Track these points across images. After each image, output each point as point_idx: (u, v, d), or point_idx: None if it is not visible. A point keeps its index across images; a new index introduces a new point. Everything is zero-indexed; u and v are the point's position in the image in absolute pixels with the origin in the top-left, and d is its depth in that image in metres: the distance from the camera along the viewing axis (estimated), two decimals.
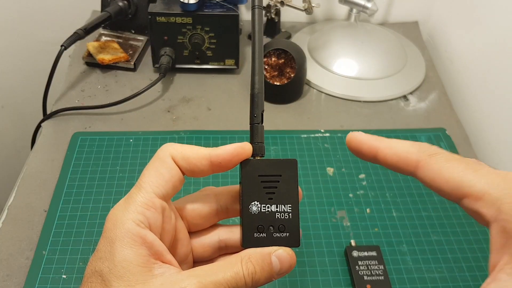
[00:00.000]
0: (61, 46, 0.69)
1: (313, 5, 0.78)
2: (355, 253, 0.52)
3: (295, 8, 0.80)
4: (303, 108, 0.73)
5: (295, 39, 0.85)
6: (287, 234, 0.29)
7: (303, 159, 0.64)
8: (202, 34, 0.72)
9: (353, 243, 0.54)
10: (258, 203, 0.29)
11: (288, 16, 0.88)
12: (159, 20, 0.71)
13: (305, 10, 0.79)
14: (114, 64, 0.76)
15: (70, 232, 0.54)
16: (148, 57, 0.79)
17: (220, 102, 0.73)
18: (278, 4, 0.80)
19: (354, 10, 0.80)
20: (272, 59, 0.71)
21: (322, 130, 0.68)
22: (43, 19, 0.92)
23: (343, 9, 0.90)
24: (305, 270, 0.52)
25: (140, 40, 0.81)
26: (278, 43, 0.71)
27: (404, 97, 0.76)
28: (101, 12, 0.78)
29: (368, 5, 0.76)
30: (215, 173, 0.30)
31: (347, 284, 0.51)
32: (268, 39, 0.84)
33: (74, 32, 0.70)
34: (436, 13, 0.90)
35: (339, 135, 0.67)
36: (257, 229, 0.29)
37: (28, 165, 0.62)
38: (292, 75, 0.70)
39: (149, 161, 0.30)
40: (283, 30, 0.87)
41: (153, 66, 0.76)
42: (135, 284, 0.26)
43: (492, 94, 0.71)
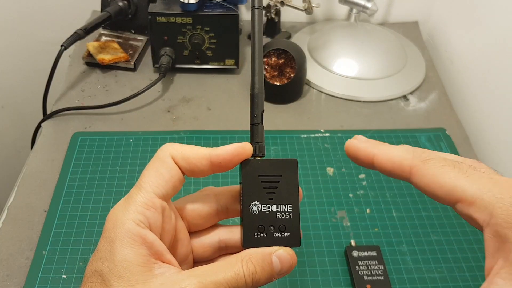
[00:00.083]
0: (61, 46, 0.69)
1: (313, 5, 0.78)
2: (355, 253, 0.52)
3: (295, 8, 0.80)
4: (303, 108, 0.73)
5: (295, 39, 0.85)
6: (288, 234, 0.29)
7: (303, 159, 0.64)
8: (202, 34, 0.72)
9: (353, 243, 0.54)
10: (259, 203, 0.29)
11: (288, 16, 0.88)
12: (159, 20, 0.71)
13: (305, 10, 0.79)
14: (114, 64, 0.76)
15: (70, 232, 0.54)
16: (148, 57, 0.79)
17: (220, 102, 0.73)
18: (278, 4, 0.80)
19: (354, 10, 0.80)
20: (272, 59, 0.71)
21: (322, 130, 0.68)
22: (43, 19, 0.92)
23: (343, 9, 0.90)
24: (305, 270, 0.52)
25: (140, 40, 0.81)
26: (278, 43, 0.71)
27: (404, 97, 0.76)
28: (101, 12, 0.78)
29: (368, 5, 0.76)
30: (215, 173, 0.30)
31: (347, 284, 0.51)
32: (268, 39, 0.84)
33: (74, 32, 0.70)
34: (436, 13, 0.90)
35: (339, 135, 0.67)
36: (257, 229, 0.29)
37: (28, 165, 0.62)
38: (292, 75, 0.70)
39: (149, 161, 0.30)
40: (283, 30, 0.87)
41: (153, 66, 0.76)
42: (135, 284, 0.26)
43: (492, 94, 0.71)
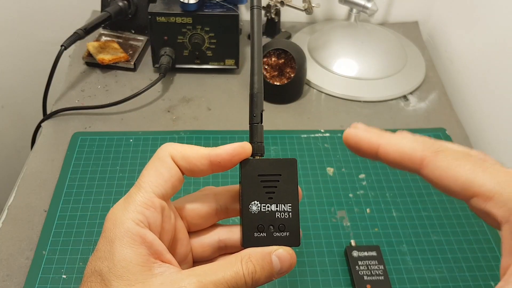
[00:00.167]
0: (61, 46, 0.69)
1: (313, 5, 0.78)
2: (355, 253, 0.52)
3: (295, 8, 0.80)
4: (303, 108, 0.73)
5: (295, 39, 0.85)
6: (287, 233, 0.29)
7: (303, 159, 0.64)
8: (202, 34, 0.72)
9: (353, 243, 0.54)
10: (258, 202, 0.29)
11: (288, 16, 0.88)
12: (159, 20, 0.71)
13: (305, 10, 0.79)
14: (114, 64, 0.76)
15: (70, 232, 0.54)
16: (148, 57, 0.79)
17: (220, 102, 0.73)
18: (278, 4, 0.80)
19: (354, 10, 0.80)
20: (272, 59, 0.71)
21: (322, 130, 0.68)
22: (43, 19, 0.92)
23: (343, 9, 0.90)
24: (305, 270, 0.52)
25: (140, 40, 0.81)
26: (278, 43, 0.71)
27: (404, 97, 0.76)
28: (101, 12, 0.78)
29: (368, 5, 0.76)
30: (214, 173, 0.30)
31: (347, 284, 0.51)
32: (268, 39, 0.84)
33: (74, 32, 0.70)
34: (436, 13, 0.90)
35: (339, 135, 0.67)
36: (257, 228, 0.29)
37: (28, 165, 0.62)
38: (292, 75, 0.70)
39: (149, 160, 0.30)
40: (283, 30, 0.87)
41: (153, 66, 0.76)
42: (135, 284, 0.26)
43: (492, 94, 0.71)
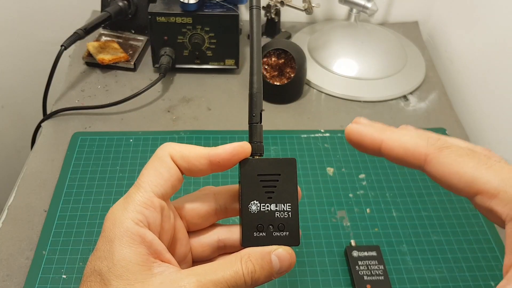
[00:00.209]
0: (61, 46, 0.69)
1: (313, 5, 0.78)
2: (355, 253, 0.52)
3: (295, 8, 0.80)
4: (303, 108, 0.73)
5: (295, 39, 0.85)
6: (287, 233, 0.29)
7: (303, 159, 0.64)
8: (202, 34, 0.72)
9: (353, 243, 0.54)
10: (258, 202, 0.29)
11: (288, 16, 0.88)
12: (159, 20, 0.71)
13: (305, 10, 0.79)
14: (114, 64, 0.76)
15: (70, 232, 0.54)
16: (148, 57, 0.79)
17: (220, 102, 0.73)
18: (278, 4, 0.80)
19: (354, 10, 0.80)
20: (272, 59, 0.71)
21: (322, 130, 0.68)
22: (43, 19, 0.92)
23: (343, 9, 0.90)
24: (305, 270, 0.52)
25: (140, 40, 0.81)
26: (278, 43, 0.71)
27: (404, 97, 0.76)
28: (101, 12, 0.78)
29: (368, 5, 0.76)
30: (214, 173, 0.30)
31: (347, 284, 0.51)
32: (268, 39, 0.84)
33: (74, 32, 0.70)
34: (436, 13, 0.90)
35: (339, 135, 0.67)
36: (256, 228, 0.29)
37: (28, 165, 0.62)
38: (292, 75, 0.70)
39: (148, 160, 0.30)
40: (283, 30, 0.87)
41: (153, 66, 0.76)
42: (135, 283, 0.26)
43: (492, 94, 0.71)
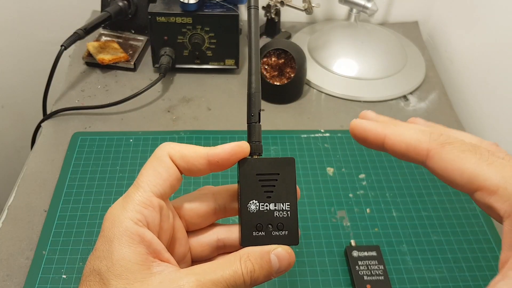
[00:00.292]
0: (61, 46, 0.69)
1: (313, 5, 0.78)
2: (355, 253, 0.52)
3: (295, 8, 0.80)
4: (303, 108, 0.73)
5: (295, 39, 0.85)
6: (286, 232, 0.29)
7: (303, 159, 0.64)
8: (202, 34, 0.72)
9: (353, 243, 0.54)
10: (257, 201, 0.29)
11: (288, 16, 0.88)
12: (159, 20, 0.71)
13: (305, 10, 0.79)
14: (114, 64, 0.76)
15: (70, 232, 0.54)
16: (148, 57, 0.79)
17: (220, 102, 0.73)
18: (278, 4, 0.80)
19: (354, 10, 0.80)
20: (272, 59, 0.71)
21: (322, 130, 0.68)
22: (43, 19, 0.92)
23: (343, 9, 0.90)
24: (305, 270, 0.52)
25: (140, 40, 0.81)
26: (278, 43, 0.71)
27: (404, 97, 0.76)
28: (101, 12, 0.78)
29: (368, 5, 0.76)
30: (213, 172, 0.30)
31: (347, 284, 0.51)
32: (268, 39, 0.84)
33: (74, 32, 0.70)
34: (436, 13, 0.90)
35: (339, 135, 0.67)
36: (255, 227, 0.29)
37: (28, 165, 0.62)
38: (292, 75, 0.70)
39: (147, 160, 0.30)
40: (283, 30, 0.87)
41: (153, 66, 0.76)
42: (134, 282, 0.26)
43: (492, 94, 0.71)
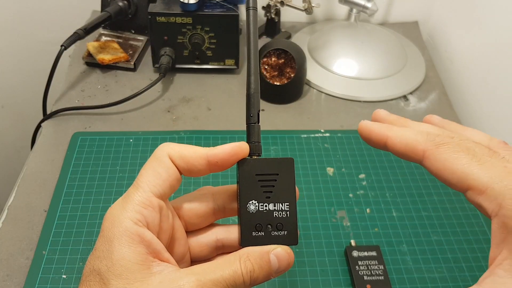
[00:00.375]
0: (61, 46, 0.69)
1: (313, 5, 0.78)
2: (355, 253, 0.52)
3: (295, 8, 0.80)
4: (303, 108, 0.73)
5: (295, 39, 0.85)
6: (285, 232, 0.29)
7: (303, 159, 0.64)
8: (202, 34, 0.72)
9: (353, 243, 0.54)
10: (256, 202, 0.29)
11: (288, 16, 0.88)
12: (159, 20, 0.71)
13: (305, 10, 0.79)
14: (114, 64, 0.76)
15: (70, 232, 0.54)
16: (148, 57, 0.79)
17: (220, 102, 0.73)
18: (278, 4, 0.80)
19: (354, 10, 0.80)
20: (272, 59, 0.71)
21: (322, 130, 0.68)
22: (43, 19, 0.92)
23: (343, 9, 0.90)
24: (305, 270, 0.52)
25: (140, 40, 0.81)
26: (278, 43, 0.71)
27: (404, 97, 0.76)
28: (101, 12, 0.78)
29: (368, 5, 0.76)
30: (212, 173, 0.30)
31: (347, 284, 0.51)
32: (268, 39, 0.84)
33: (74, 32, 0.70)
34: (436, 13, 0.90)
35: (339, 135, 0.67)
36: (255, 227, 0.29)
37: (28, 165, 0.62)
38: (292, 75, 0.70)
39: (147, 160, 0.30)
40: (283, 30, 0.87)
41: (153, 66, 0.76)
42: (134, 282, 0.26)
43: (492, 94, 0.71)
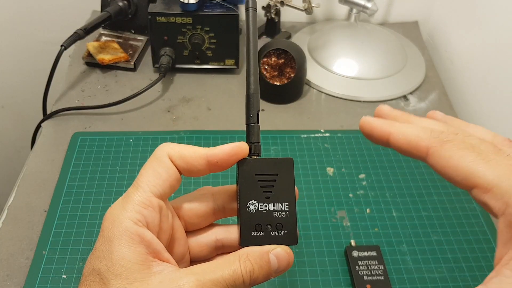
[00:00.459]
0: (61, 46, 0.69)
1: (313, 5, 0.78)
2: (355, 253, 0.52)
3: (295, 8, 0.80)
4: (303, 108, 0.73)
5: (295, 39, 0.85)
6: (285, 232, 0.29)
7: (303, 159, 0.64)
8: (202, 34, 0.72)
9: (353, 243, 0.54)
10: (256, 202, 0.30)
11: (288, 16, 0.88)
12: (159, 20, 0.71)
13: (305, 10, 0.79)
14: (114, 64, 0.76)
15: (70, 232, 0.54)
16: (148, 57, 0.79)
17: (220, 102, 0.73)
18: (278, 4, 0.80)
19: (354, 10, 0.80)
20: (272, 59, 0.71)
21: (322, 130, 0.68)
22: (43, 19, 0.92)
23: (343, 9, 0.90)
24: (305, 270, 0.52)
25: (140, 40, 0.81)
26: (278, 43, 0.71)
27: (404, 97, 0.76)
28: (101, 12, 0.78)
29: (368, 5, 0.76)
30: (212, 173, 0.30)
31: (347, 284, 0.51)
32: (268, 39, 0.84)
33: (74, 32, 0.70)
34: (436, 13, 0.90)
35: (339, 135, 0.67)
36: (254, 227, 0.29)
37: (28, 165, 0.62)
38: (292, 75, 0.70)
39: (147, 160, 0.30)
40: (283, 30, 0.87)
41: (153, 66, 0.76)
42: (134, 282, 0.26)
43: (492, 94, 0.71)
